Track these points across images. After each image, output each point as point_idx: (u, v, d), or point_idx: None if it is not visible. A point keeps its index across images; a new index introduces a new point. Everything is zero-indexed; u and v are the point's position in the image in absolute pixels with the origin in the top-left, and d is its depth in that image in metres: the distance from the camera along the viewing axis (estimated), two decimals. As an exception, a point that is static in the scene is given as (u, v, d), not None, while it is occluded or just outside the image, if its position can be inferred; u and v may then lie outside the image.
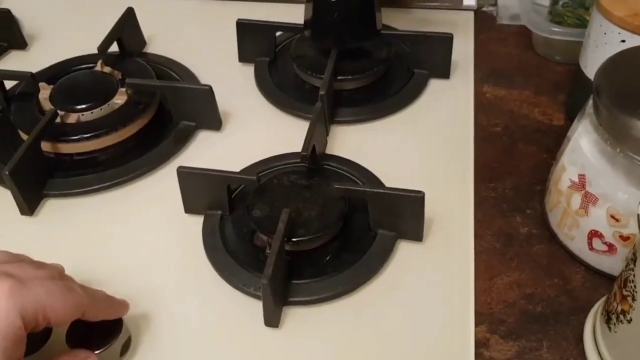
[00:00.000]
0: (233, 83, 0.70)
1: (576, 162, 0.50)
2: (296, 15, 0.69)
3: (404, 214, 0.52)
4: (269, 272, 0.44)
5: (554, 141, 0.63)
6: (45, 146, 0.60)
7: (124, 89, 0.64)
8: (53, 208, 0.58)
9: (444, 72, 0.69)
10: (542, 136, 0.64)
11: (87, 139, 0.60)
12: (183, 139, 0.63)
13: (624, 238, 0.47)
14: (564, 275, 0.51)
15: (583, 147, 0.49)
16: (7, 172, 0.53)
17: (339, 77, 0.66)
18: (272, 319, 0.47)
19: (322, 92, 0.60)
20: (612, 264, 0.49)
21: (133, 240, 0.55)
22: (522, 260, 0.53)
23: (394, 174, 0.58)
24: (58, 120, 0.61)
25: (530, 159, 0.62)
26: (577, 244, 0.51)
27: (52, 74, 0.69)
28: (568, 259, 0.52)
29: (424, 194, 0.50)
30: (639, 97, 0.45)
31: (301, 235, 0.50)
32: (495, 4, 0.81)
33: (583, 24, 0.68)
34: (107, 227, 0.56)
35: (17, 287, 0.38)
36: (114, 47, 0.71)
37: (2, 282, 0.38)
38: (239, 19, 0.71)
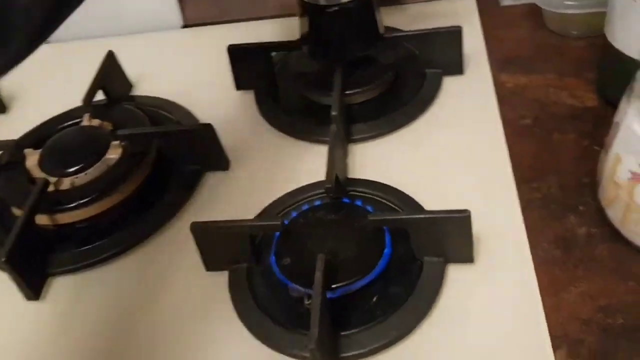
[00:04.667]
0: (234, 115, 0.65)
1: (633, 150, 0.44)
2: (291, 30, 0.64)
3: (450, 237, 0.46)
4: (315, 334, 0.39)
5: (591, 125, 0.58)
6: (41, 219, 0.54)
7: (117, 142, 0.59)
8: (61, 287, 0.53)
9: (457, 68, 0.64)
10: (578, 122, 0.58)
11: (86, 204, 0.55)
12: (190, 186, 0.58)
13: None
14: (639, 277, 0.46)
15: (639, 133, 0.44)
16: (3, 260, 0.48)
17: (347, 92, 0.61)
18: (326, 384, 0.41)
19: (334, 113, 0.55)
20: (692, 258, 0.44)
21: (154, 308, 0.50)
22: (587, 266, 0.47)
23: (426, 190, 0.53)
24: (51, 188, 0.56)
25: (571, 149, 0.56)
26: (649, 241, 0.46)
27: (38, 136, 0.63)
28: (639, 257, 0.47)
29: (469, 212, 0.45)
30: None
31: (342, 280, 0.44)
32: (496, -15, 0.76)
33: (600, -8, 0.63)
34: (124, 298, 0.51)
35: None
36: (100, 96, 0.66)
37: None
38: (229, 45, 0.65)
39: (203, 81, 0.71)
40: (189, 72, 0.73)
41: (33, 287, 0.51)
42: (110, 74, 0.68)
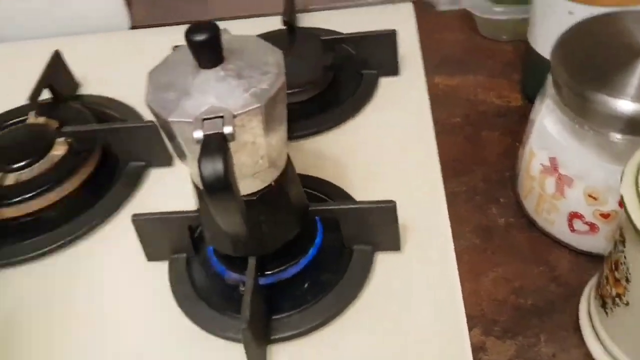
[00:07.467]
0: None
1: (544, 145, 0.48)
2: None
3: (378, 226, 0.49)
4: (247, 315, 0.41)
5: (515, 123, 0.62)
6: (-14, 213, 0.56)
7: (62, 139, 0.60)
8: (4, 280, 0.54)
9: (393, 69, 0.67)
10: (504, 120, 0.62)
11: (30, 198, 0.56)
12: (134, 181, 0.60)
13: (605, 215, 0.46)
14: (550, 262, 0.50)
15: (549, 129, 0.48)
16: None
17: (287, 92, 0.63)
18: (258, 363, 0.44)
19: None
20: (595, 243, 0.48)
21: (97, 299, 0.51)
22: (504, 252, 0.51)
23: (358, 184, 0.56)
24: (-4, 183, 0.57)
25: (496, 145, 0.60)
26: (558, 228, 0.49)
27: (-17, 134, 0.64)
28: (550, 244, 0.51)
29: (395, 203, 0.48)
30: (599, 70, 0.44)
31: (275, 266, 0.47)
32: (432, -9, 0.79)
33: (524, 0, 0.67)
34: (67, 290, 0.52)
35: None
36: (47, 94, 0.67)
37: None
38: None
39: (149, 81, 0.72)
40: (134, 73, 0.73)
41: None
42: (57, 73, 0.69)
